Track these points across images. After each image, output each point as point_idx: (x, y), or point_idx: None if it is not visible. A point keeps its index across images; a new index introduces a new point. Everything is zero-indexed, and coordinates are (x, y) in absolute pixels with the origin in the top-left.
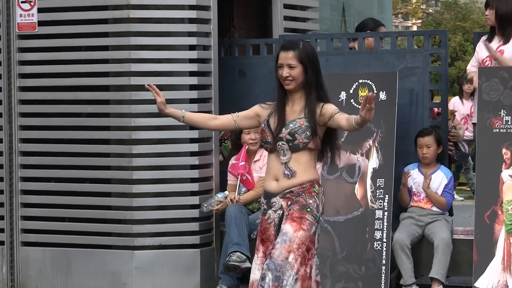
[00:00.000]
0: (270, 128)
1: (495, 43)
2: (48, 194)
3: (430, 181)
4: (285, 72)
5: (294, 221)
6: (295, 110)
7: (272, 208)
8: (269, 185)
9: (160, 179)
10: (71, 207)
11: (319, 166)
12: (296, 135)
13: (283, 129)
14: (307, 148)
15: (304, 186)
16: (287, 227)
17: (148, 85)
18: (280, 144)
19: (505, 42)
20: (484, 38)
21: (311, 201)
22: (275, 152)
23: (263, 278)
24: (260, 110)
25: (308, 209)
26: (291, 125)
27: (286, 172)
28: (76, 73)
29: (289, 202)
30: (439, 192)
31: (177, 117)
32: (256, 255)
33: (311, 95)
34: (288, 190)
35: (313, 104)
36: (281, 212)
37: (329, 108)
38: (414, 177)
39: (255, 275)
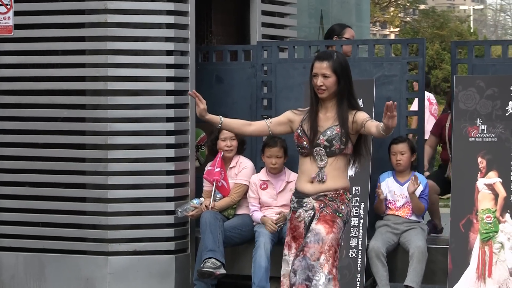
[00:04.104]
0: (306, 134)
1: None
2: (22, 198)
3: (418, 186)
4: (319, 81)
5: (326, 223)
6: (329, 117)
7: (303, 207)
8: (303, 186)
9: (135, 185)
10: (45, 212)
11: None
12: (333, 141)
13: (321, 135)
14: (343, 154)
15: (338, 192)
16: (320, 228)
17: (192, 92)
18: (318, 149)
19: None
20: None
21: (343, 207)
22: (311, 157)
23: (294, 272)
24: (292, 116)
25: (340, 215)
26: (328, 132)
27: (320, 177)
28: (52, 77)
29: (322, 205)
30: None
31: (215, 122)
32: (288, 251)
33: (342, 103)
34: (322, 193)
35: (345, 112)
36: (313, 212)
37: (361, 115)
38: (389, 185)
39: (287, 270)
